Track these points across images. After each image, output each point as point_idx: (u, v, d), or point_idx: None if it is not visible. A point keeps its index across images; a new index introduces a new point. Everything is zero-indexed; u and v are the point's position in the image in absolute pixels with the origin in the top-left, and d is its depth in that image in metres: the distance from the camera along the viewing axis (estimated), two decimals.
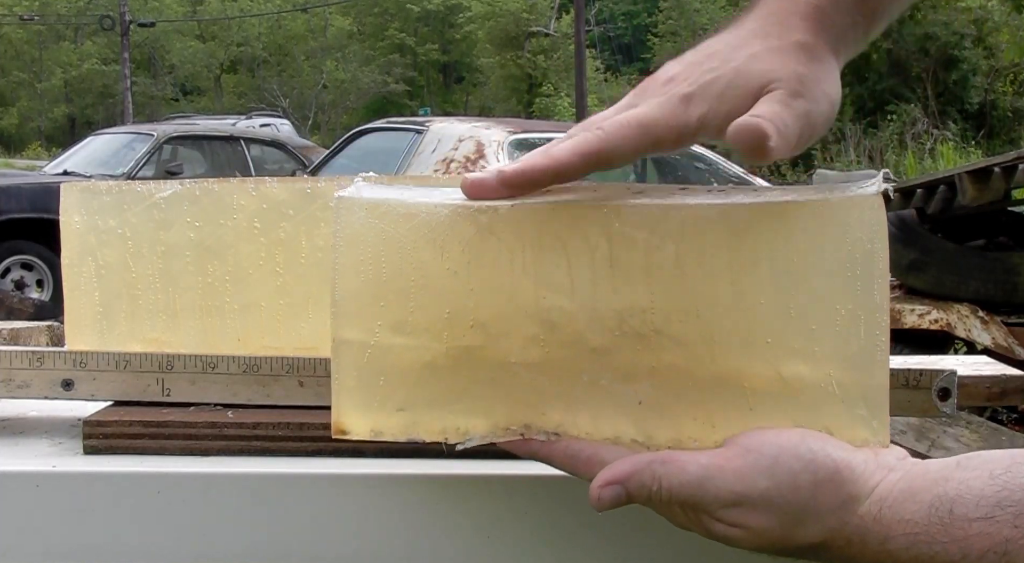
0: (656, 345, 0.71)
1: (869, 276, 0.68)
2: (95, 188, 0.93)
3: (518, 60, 41.37)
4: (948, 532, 0.64)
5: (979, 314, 4.80)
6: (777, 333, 0.69)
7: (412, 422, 0.74)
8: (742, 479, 0.68)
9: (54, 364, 0.87)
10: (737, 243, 0.69)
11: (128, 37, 33.43)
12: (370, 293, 0.72)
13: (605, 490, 0.70)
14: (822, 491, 0.67)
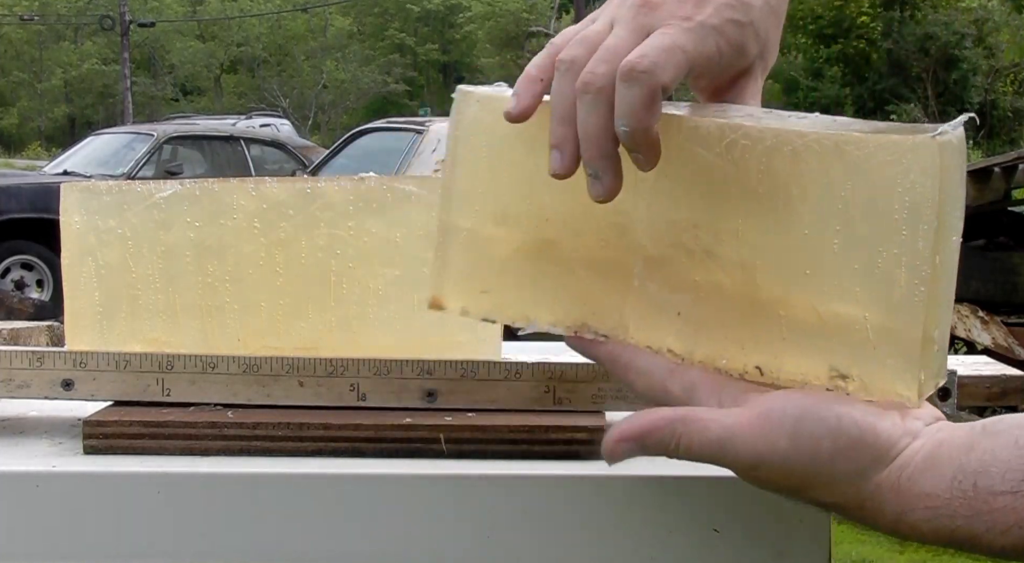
0: (702, 261, 0.71)
1: (916, 224, 0.65)
2: (95, 188, 0.93)
3: (518, 60, 41.36)
4: (971, 506, 0.63)
5: (979, 314, 4.80)
6: (817, 267, 0.68)
7: (493, 306, 0.79)
8: (763, 440, 0.67)
9: (54, 364, 0.87)
10: (792, 170, 0.68)
11: (128, 37, 33.43)
12: (478, 184, 0.77)
13: (620, 445, 0.70)
14: (841, 457, 0.66)
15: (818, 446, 0.66)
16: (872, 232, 0.66)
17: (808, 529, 0.78)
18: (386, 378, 0.87)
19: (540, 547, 0.78)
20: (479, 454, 0.82)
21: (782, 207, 0.69)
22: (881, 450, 0.66)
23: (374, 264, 0.90)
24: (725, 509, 0.78)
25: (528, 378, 0.87)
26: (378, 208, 0.90)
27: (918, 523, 0.65)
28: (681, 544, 0.78)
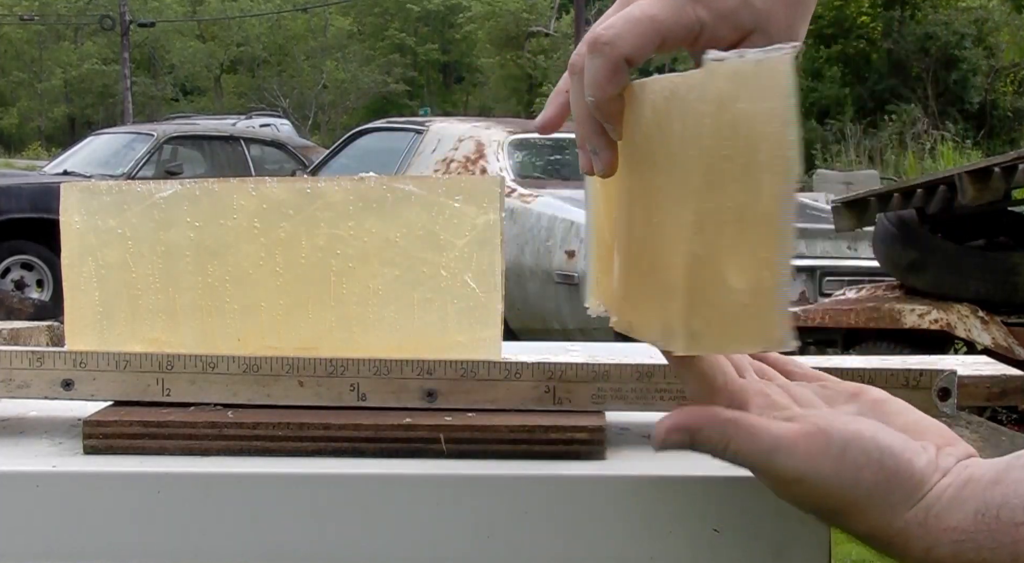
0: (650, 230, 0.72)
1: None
2: (95, 188, 0.93)
3: (518, 60, 41.37)
4: (995, 538, 0.63)
5: (979, 314, 4.79)
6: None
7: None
8: (809, 460, 0.67)
9: (54, 364, 0.87)
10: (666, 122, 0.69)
11: (128, 37, 33.43)
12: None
13: (673, 434, 0.70)
14: (878, 489, 0.67)
15: (860, 475, 0.67)
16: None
17: (808, 529, 0.78)
18: (386, 378, 0.87)
19: (540, 547, 0.78)
20: (479, 454, 0.82)
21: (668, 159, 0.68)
22: (914, 486, 0.66)
23: (374, 264, 0.90)
24: (725, 509, 0.78)
25: (528, 378, 0.87)
26: (378, 208, 0.90)
27: (945, 557, 0.65)
28: (681, 544, 0.78)
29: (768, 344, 0.67)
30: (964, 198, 4.66)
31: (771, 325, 0.66)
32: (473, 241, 0.90)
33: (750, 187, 0.65)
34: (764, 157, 0.64)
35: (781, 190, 0.65)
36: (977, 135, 21.76)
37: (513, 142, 6.97)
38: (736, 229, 0.65)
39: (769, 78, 0.64)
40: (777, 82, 0.64)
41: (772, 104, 0.64)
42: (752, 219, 0.65)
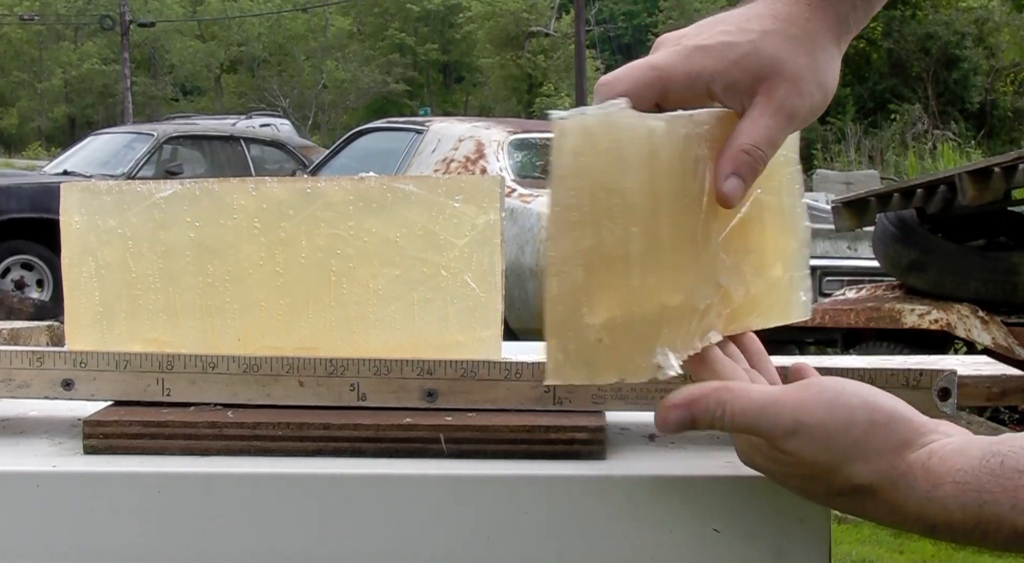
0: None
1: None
2: (95, 188, 0.93)
3: (518, 60, 41.38)
4: (998, 482, 0.65)
5: (979, 314, 4.80)
6: None
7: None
8: (802, 407, 0.70)
9: (54, 364, 0.87)
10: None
11: (128, 37, 33.43)
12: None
13: (672, 412, 0.73)
14: (876, 431, 0.69)
15: (853, 415, 0.69)
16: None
17: (808, 529, 0.78)
18: (386, 378, 0.87)
19: (540, 547, 0.78)
20: (479, 454, 0.82)
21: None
22: (913, 431, 0.69)
23: (374, 264, 0.90)
24: (725, 509, 0.78)
25: (528, 378, 0.87)
26: (378, 208, 0.90)
27: (947, 499, 0.66)
28: (681, 544, 0.78)
29: (628, 374, 0.73)
30: (964, 198, 4.66)
31: (629, 357, 0.72)
32: (473, 241, 0.90)
33: (591, 233, 0.70)
34: (602, 205, 0.70)
35: (625, 234, 0.70)
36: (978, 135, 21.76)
37: (513, 142, 6.96)
38: (584, 271, 0.70)
39: (607, 131, 0.70)
40: (615, 134, 0.70)
41: (609, 155, 0.70)
42: (599, 262, 0.70)
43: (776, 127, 0.76)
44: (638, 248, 0.71)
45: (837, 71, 0.79)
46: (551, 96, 38.58)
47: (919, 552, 3.86)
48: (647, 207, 0.72)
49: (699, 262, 0.76)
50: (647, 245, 0.72)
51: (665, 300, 0.73)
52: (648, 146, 0.72)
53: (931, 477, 0.67)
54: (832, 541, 0.79)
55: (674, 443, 0.88)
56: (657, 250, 0.72)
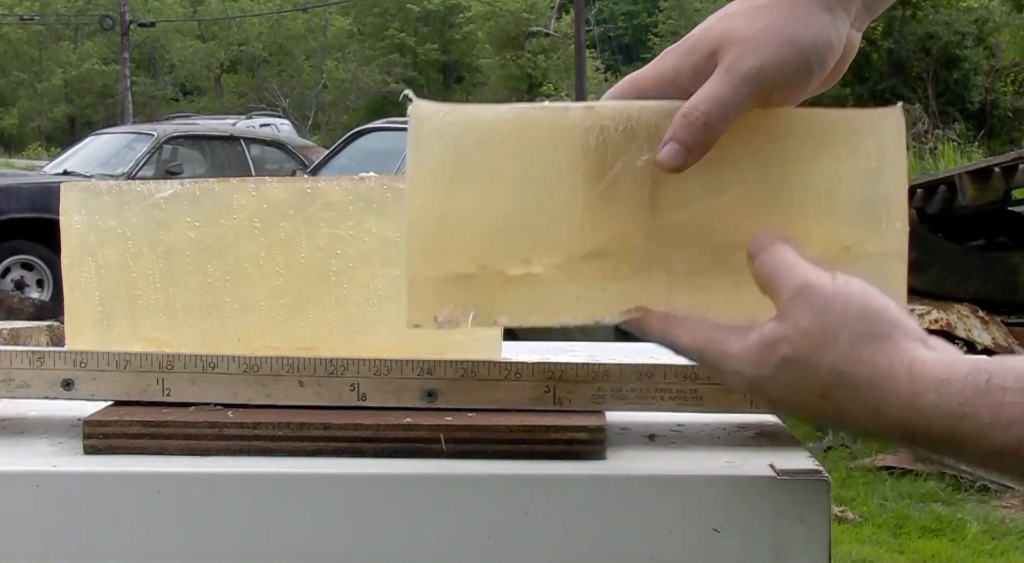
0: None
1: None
2: (95, 188, 0.93)
3: (518, 60, 41.38)
4: (982, 397, 0.65)
5: (979, 314, 4.80)
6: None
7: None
8: (816, 275, 0.71)
9: (54, 364, 0.87)
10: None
11: (128, 37, 33.43)
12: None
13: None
14: (867, 315, 0.70)
15: (853, 296, 0.71)
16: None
17: (808, 529, 0.78)
18: (386, 378, 0.87)
19: (540, 547, 0.78)
20: (479, 454, 0.82)
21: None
22: (901, 330, 0.69)
23: (374, 264, 0.90)
24: (725, 509, 0.78)
25: (528, 378, 0.87)
26: (378, 208, 0.90)
27: (928, 407, 0.66)
28: (681, 544, 0.78)
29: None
30: (964, 198, 4.66)
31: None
32: None
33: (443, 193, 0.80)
34: (455, 170, 0.79)
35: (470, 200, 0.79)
36: (978, 135, 21.75)
37: None
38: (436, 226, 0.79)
39: (457, 112, 0.79)
40: (468, 113, 0.79)
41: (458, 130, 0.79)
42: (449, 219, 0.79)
43: (725, 87, 0.77)
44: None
45: (828, 30, 0.78)
46: (551, 96, 38.57)
47: (919, 552, 3.87)
48: (500, 178, 0.79)
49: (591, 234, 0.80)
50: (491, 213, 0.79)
51: (504, 267, 0.79)
52: (512, 127, 0.79)
53: (915, 383, 0.67)
54: (832, 541, 0.79)
55: (674, 443, 0.88)
56: (507, 219, 0.79)
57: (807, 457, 0.83)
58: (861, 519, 4.17)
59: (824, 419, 0.72)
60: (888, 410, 0.68)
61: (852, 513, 4.20)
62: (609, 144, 0.79)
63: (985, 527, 4.06)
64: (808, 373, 0.70)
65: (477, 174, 0.79)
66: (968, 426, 0.65)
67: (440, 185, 0.79)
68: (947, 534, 4.02)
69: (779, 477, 0.78)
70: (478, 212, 0.79)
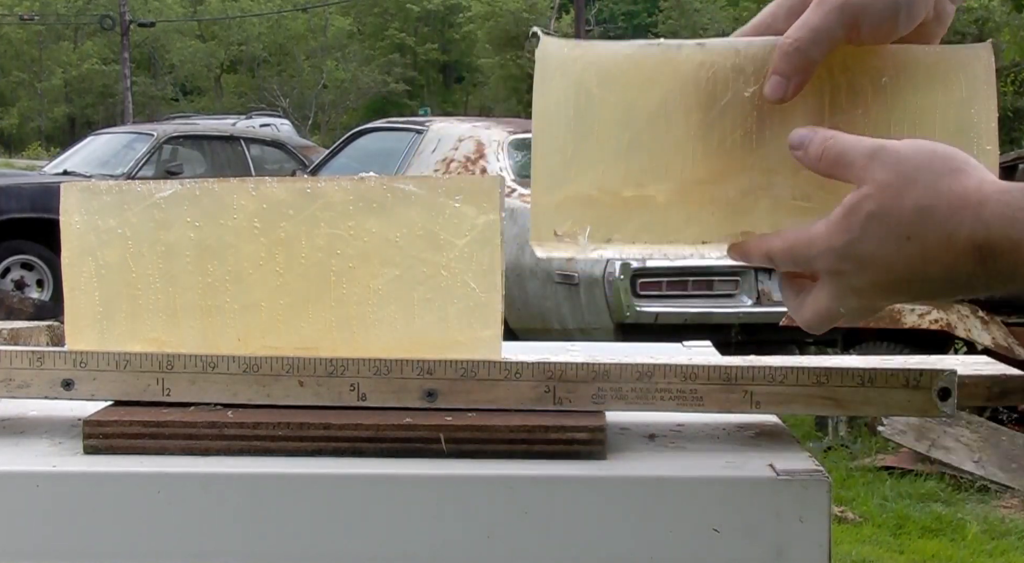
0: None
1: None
2: (95, 188, 0.93)
3: (518, 60, 41.37)
4: None
5: (979, 314, 4.80)
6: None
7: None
8: (887, 141, 0.77)
9: (54, 364, 0.87)
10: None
11: (128, 37, 33.43)
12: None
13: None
14: (939, 156, 0.75)
15: (921, 145, 0.76)
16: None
17: (808, 529, 0.78)
18: (386, 378, 0.87)
19: (540, 547, 0.78)
20: (479, 454, 0.82)
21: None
22: (971, 168, 0.75)
23: (374, 264, 0.90)
24: (725, 509, 0.78)
25: (528, 378, 0.87)
26: (378, 208, 0.90)
27: (989, 215, 0.71)
28: (681, 544, 0.78)
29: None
30: None
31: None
32: (473, 241, 0.90)
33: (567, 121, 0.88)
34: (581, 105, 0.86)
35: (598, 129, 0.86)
36: None
37: (513, 142, 6.96)
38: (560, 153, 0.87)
39: (584, 49, 0.87)
40: (593, 50, 0.88)
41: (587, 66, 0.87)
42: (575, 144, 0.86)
43: (815, 17, 0.82)
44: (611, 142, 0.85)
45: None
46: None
47: (919, 552, 3.87)
48: (630, 110, 0.85)
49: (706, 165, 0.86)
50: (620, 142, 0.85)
51: (620, 189, 0.86)
52: (630, 63, 0.86)
53: (981, 195, 0.72)
54: (832, 541, 0.79)
55: (674, 443, 0.88)
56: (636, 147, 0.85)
57: (807, 457, 0.83)
58: (861, 519, 4.17)
59: (909, 271, 0.74)
60: (960, 230, 0.72)
61: (852, 513, 4.21)
62: (718, 77, 0.85)
63: (985, 527, 4.06)
64: (893, 220, 0.74)
65: (597, 107, 0.85)
66: (1021, 229, 0.70)
67: (563, 117, 0.85)
68: (947, 534, 4.02)
69: (779, 477, 0.79)
70: (597, 141, 0.85)
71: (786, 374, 0.86)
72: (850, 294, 0.77)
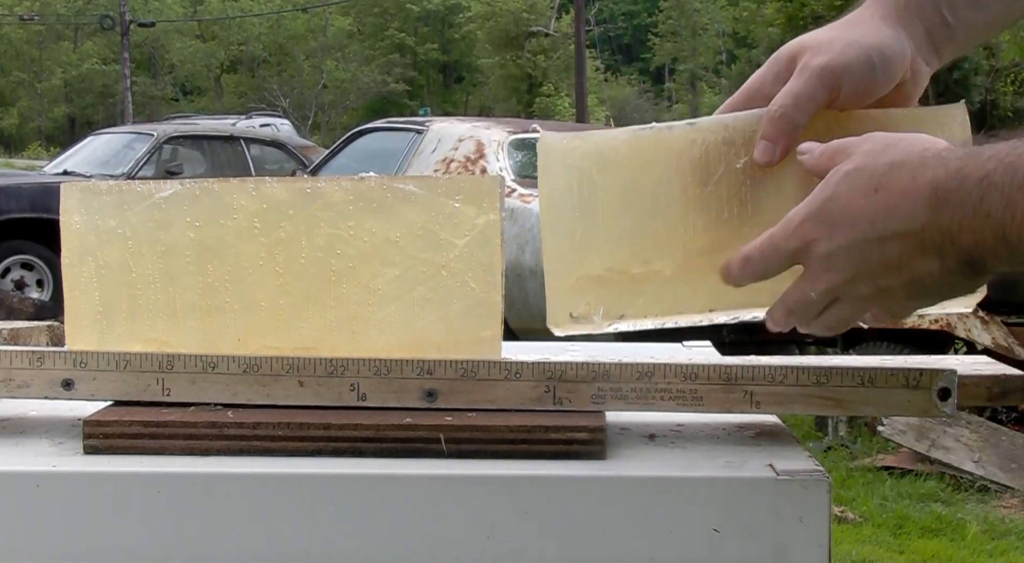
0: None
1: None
2: (95, 188, 0.93)
3: (518, 60, 41.37)
4: (990, 148, 0.73)
5: (979, 314, 4.80)
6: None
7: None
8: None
9: (54, 364, 0.87)
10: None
11: (128, 37, 33.42)
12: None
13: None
14: (923, 137, 0.80)
15: (894, 136, 0.80)
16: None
17: (808, 529, 0.78)
18: (386, 378, 0.87)
19: (540, 547, 0.78)
20: (479, 454, 0.82)
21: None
22: (943, 145, 0.78)
23: (374, 264, 0.90)
24: (725, 509, 0.78)
25: (528, 378, 0.87)
26: (378, 208, 0.90)
27: (951, 157, 0.74)
28: (681, 544, 0.78)
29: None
30: None
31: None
32: (473, 241, 0.90)
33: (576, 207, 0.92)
34: (586, 190, 0.92)
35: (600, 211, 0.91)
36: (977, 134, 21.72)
37: (513, 142, 6.96)
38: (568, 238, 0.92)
39: (584, 139, 0.92)
40: (592, 140, 0.92)
41: (589, 154, 0.92)
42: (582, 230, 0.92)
43: (797, 83, 0.88)
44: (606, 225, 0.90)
45: (890, 39, 0.89)
46: (551, 96, 38.58)
47: (919, 552, 3.87)
48: (628, 192, 0.90)
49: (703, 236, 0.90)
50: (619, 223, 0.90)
51: (629, 267, 0.90)
52: (627, 148, 0.90)
53: (947, 149, 0.76)
54: (832, 541, 0.79)
55: (674, 443, 0.88)
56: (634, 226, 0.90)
57: (807, 457, 0.83)
58: (861, 519, 4.17)
59: (872, 227, 0.76)
60: (924, 174, 0.75)
61: (852, 513, 4.20)
62: (710, 152, 0.90)
63: (985, 527, 4.06)
64: (866, 173, 0.77)
65: (599, 192, 0.90)
66: (978, 164, 0.73)
67: (568, 205, 0.90)
68: (947, 534, 4.02)
69: (779, 477, 0.79)
70: (603, 224, 0.90)
71: (786, 374, 0.86)
72: (819, 271, 0.79)
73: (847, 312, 0.81)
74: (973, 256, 0.74)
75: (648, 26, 49.67)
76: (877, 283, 0.77)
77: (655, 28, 48.86)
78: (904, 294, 0.78)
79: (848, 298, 0.80)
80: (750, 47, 43.84)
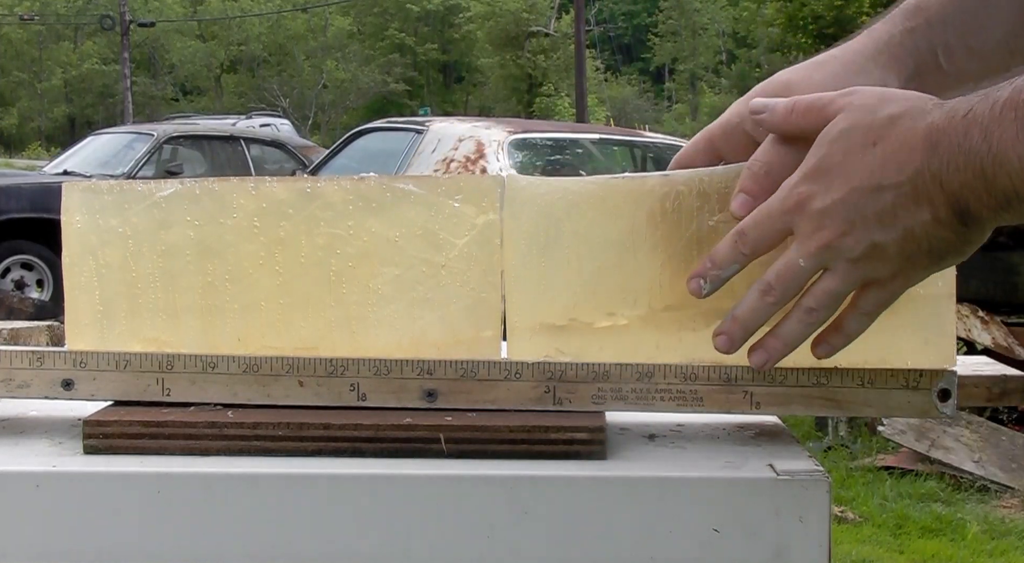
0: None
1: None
2: (96, 188, 0.93)
3: (518, 60, 41.39)
4: (978, 94, 0.73)
5: (979, 314, 4.80)
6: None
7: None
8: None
9: (54, 364, 0.87)
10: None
11: (128, 37, 33.44)
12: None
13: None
14: (909, 93, 0.78)
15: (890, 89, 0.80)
16: None
17: (808, 529, 0.78)
18: (386, 378, 0.87)
19: (540, 547, 0.78)
20: (479, 454, 0.82)
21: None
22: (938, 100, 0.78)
23: (374, 263, 0.90)
24: (725, 509, 0.78)
25: (528, 378, 0.87)
26: (378, 208, 0.90)
27: (948, 104, 0.74)
28: (681, 544, 0.78)
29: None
30: None
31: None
32: (473, 241, 0.90)
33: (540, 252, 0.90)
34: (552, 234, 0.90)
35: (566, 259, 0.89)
36: None
37: (513, 142, 6.96)
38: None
39: (549, 186, 0.90)
40: (554, 186, 0.90)
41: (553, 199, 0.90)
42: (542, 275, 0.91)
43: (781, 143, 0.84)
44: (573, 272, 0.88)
45: (878, 84, 0.87)
46: (551, 96, 38.60)
47: (919, 552, 3.87)
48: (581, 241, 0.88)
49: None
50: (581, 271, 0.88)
51: (592, 319, 0.88)
52: (597, 194, 0.88)
53: (945, 103, 0.75)
54: (832, 541, 0.79)
55: (674, 443, 0.88)
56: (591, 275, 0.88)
57: (807, 457, 0.83)
58: (861, 519, 4.17)
59: (868, 177, 0.76)
60: (923, 120, 0.74)
61: (852, 513, 4.20)
62: (683, 206, 0.87)
63: (985, 527, 4.06)
64: (863, 128, 0.76)
65: (567, 238, 0.88)
66: (964, 98, 0.74)
67: (534, 248, 0.88)
68: (947, 534, 4.02)
69: (779, 477, 0.79)
70: (568, 271, 0.88)
71: (786, 374, 0.86)
72: (811, 230, 0.77)
73: (836, 283, 0.78)
74: (960, 202, 0.73)
75: (648, 26, 49.69)
76: (870, 237, 0.76)
77: (655, 28, 48.88)
78: (897, 251, 0.76)
79: (839, 262, 0.77)
80: (750, 47, 43.79)
